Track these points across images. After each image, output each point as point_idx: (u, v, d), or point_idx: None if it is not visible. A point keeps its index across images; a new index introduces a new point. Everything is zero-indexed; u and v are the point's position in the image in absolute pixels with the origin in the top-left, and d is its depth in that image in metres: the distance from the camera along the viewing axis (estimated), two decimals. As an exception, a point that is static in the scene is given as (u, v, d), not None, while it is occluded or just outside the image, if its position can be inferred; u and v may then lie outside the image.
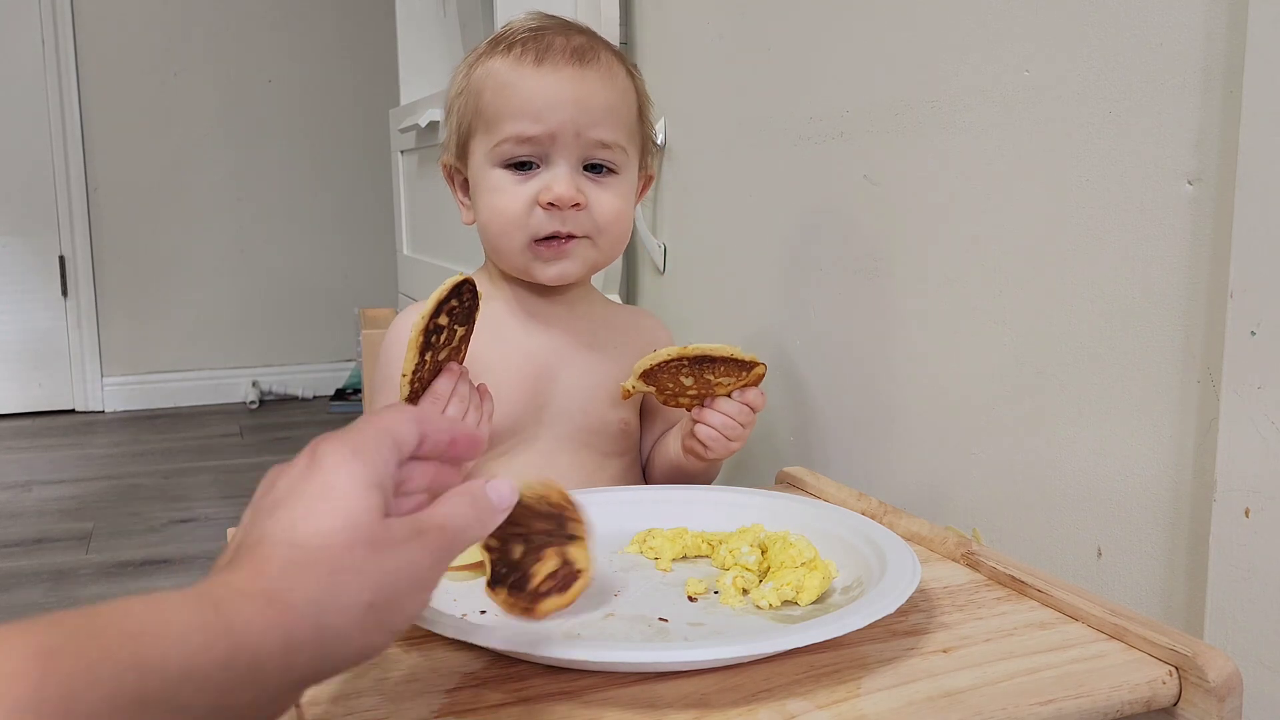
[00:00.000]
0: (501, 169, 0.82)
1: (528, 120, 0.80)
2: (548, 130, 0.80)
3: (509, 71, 0.82)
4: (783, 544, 0.64)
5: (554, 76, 0.81)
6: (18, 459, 2.65)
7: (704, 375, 0.79)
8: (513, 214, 0.81)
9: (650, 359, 0.77)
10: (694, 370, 0.78)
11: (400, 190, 2.27)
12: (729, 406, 0.81)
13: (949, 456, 0.91)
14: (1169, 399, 0.70)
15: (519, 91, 0.81)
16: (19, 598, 1.72)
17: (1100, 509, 0.76)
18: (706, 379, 0.79)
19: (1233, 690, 0.51)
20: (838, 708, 0.49)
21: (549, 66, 0.81)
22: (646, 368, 0.78)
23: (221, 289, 3.32)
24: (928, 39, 0.90)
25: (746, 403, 0.81)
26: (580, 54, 0.83)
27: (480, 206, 0.84)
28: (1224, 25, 0.65)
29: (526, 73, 0.81)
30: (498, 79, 0.82)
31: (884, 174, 0.97)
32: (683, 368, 0.78)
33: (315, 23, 3.30)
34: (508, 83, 0.81)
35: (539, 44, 0.82)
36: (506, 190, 0.82)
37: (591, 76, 0.82)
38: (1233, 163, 0.63)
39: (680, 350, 0.76)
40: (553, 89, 0.81)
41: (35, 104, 3.06)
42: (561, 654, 0.50)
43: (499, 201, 0.82)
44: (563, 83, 0.81)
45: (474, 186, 0.85)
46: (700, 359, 0.77)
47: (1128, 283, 0.73)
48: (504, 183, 0.82)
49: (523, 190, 0.81)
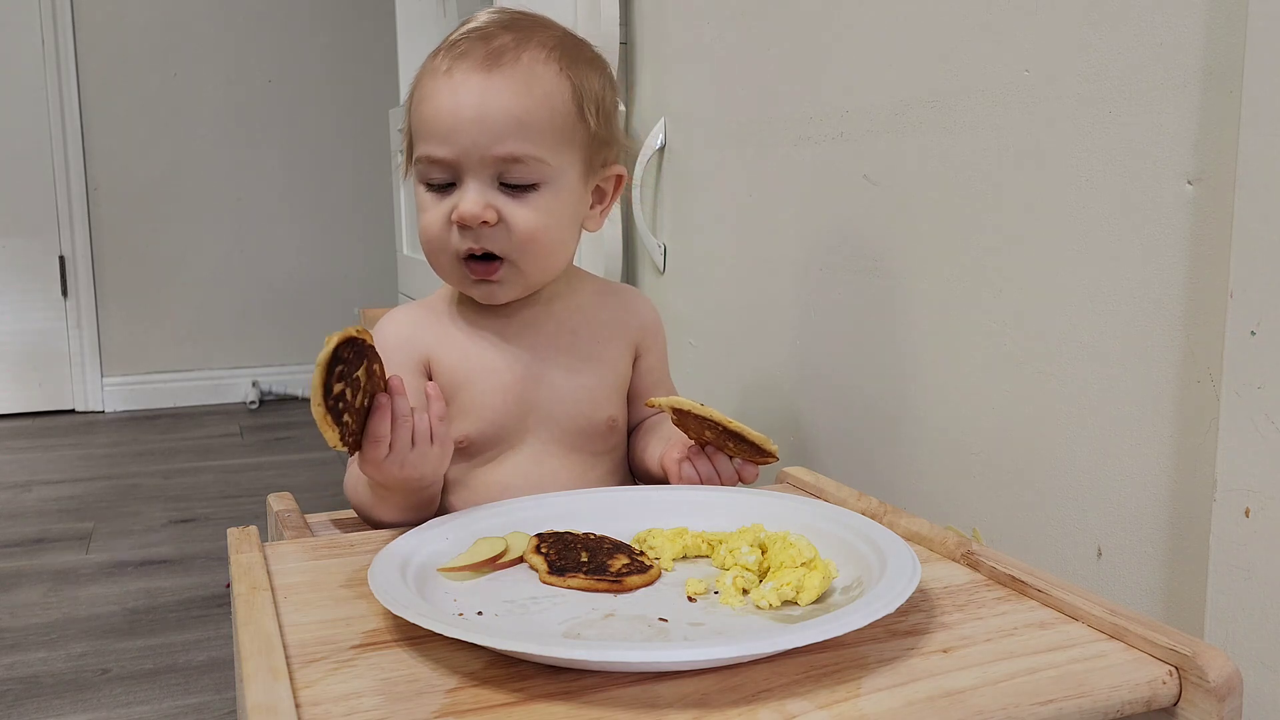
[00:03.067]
0: (424, 186, 0.81)
1: (435, 141, 0.78)
2: (452, 154, 0.77)
3: (429, 82, 0.79)
4: (783, 544, 0.64)
5: (461, 89, 0.77)
6: (18, 459, 2.65)
7: (726, 443, 0.80)
8: (435, 232, 0.80)
9: (692, 406, 0.77)
10: (720, 433, 0.79)
11: (400, 190, 2.27)
12: (724, 467, 0.81)
13: (949, 456, 0.91)
14: (1169, 399, 0.70)
15: (431, 107, 0.78)
16: (19, 598, 1.72)
17: (1100, 509, 0.76)
18: (727, 445, 0.80)
19: (1233, 690, 0.51)
20: (838, 708, 0.49)
21: (458, 78, 0.77)
22: (682, 408, 0.78)
23: (221, 289, 3.31)
24: (928, 39, 0.90)
25: (740, 474, 0.82)
26: (493, 59, 0.77)
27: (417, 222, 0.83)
28: (1224, 25, 0.65)
29: (439, 85, 0.78)
30: (422, 89, 0.80)
31: (884, 174, 0.97)
32: (713, 427, 0.78)
33: (315, 23, 3.30)
34: (425, 95, 0.79)
35: (455, 50, 0.79)
36: (429, 208, 0.80)
37: (498, 86, 0.77)
38: (1233, 163, 0.63)
39: (722, 419, 0.77)
40: (454, 105, 0.77)
41: (35, 104, 3.06)
42: (561, 654, 0.50)
43: (424, 220, 0.81)
44: (467, 96, 0.77)
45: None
46: (731, 433, 0.78)
47: (1128, 283, 0.73)
48: (426, 201, 0.81)
49: (441, 208, 0.80)
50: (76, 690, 1.40)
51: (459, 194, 0.78)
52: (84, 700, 1.37)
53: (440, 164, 0.78)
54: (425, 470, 0.71)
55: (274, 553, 0.69)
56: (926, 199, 0.91)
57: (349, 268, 3.41)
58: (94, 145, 3.14)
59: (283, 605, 0.60)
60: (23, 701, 1.37)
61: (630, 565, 0.64)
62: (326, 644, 0.55)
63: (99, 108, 3.13)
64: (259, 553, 0.67)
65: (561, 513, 0.73)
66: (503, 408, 0.82)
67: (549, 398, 0.84)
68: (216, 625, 1.61)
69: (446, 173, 0.79)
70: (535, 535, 0.69)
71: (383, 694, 0.50)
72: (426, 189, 0.80)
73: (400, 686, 0.51)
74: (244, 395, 3.31)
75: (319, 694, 0.50)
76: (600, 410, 0.86)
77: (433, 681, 0.52)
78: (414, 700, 0.50)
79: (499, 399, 0.82)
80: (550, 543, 0.67)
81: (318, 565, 0.67)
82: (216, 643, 1.54)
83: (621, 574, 0.63)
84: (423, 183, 0.80)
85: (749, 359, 1.22)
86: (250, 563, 0.65)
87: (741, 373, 1.24)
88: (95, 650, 1.52)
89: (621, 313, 0.90)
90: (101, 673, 1.45)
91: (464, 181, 0.78)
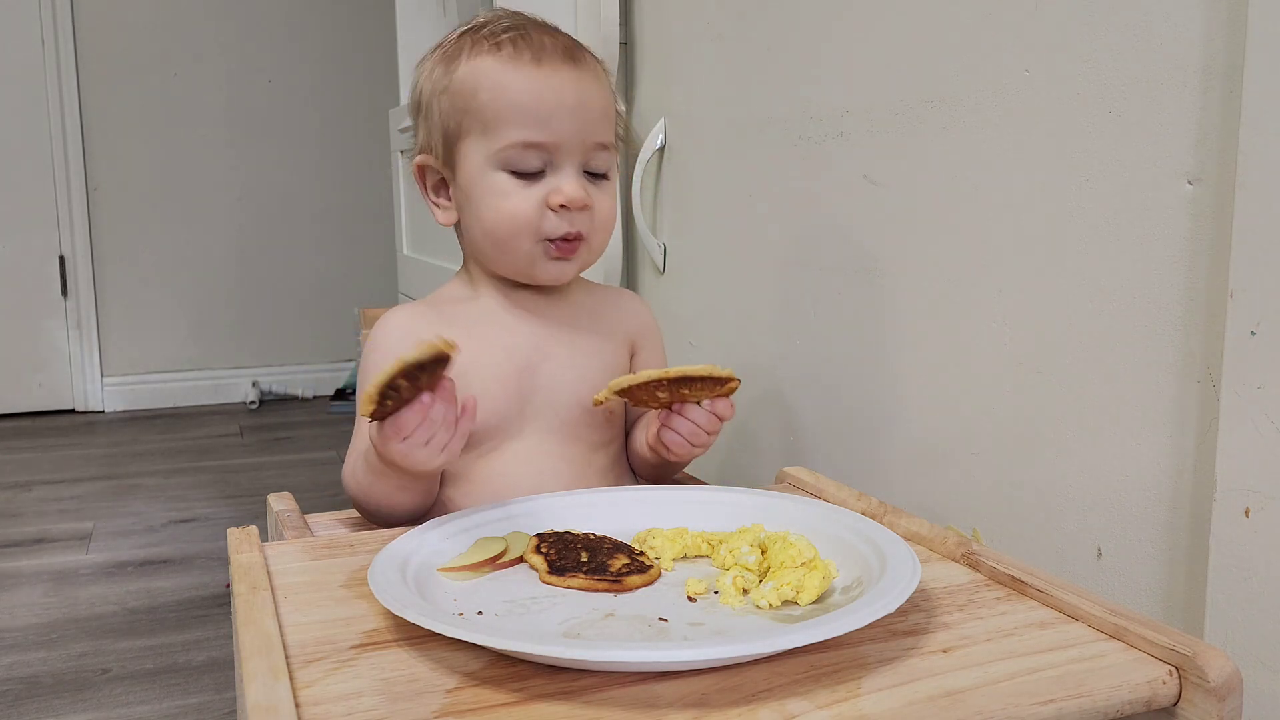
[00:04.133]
0: (504, 173, 0.82)
1: (533, 127, 0.80)
2: (553, 138, 0.80)
3: (504, 71, 0.81)
4: (783, 544, 0.64)
5: (555, 79, 0.80)
6: (18, 459, 2.65)
7: (679, 390, 0.79)
8: (525, 217, 0.81)
9: (629, 379, 0.77)
10: (670, 387, 0.78)
11: (400, 190, 2.27)
12: (698, 415, 0.81)
13: (949, 457, 0.91)
14: (1169, 399, 0.70)
15: (521, 94, 0.80)
16: (19, 598, 1.72)
17: (1100, 509, 0.76)
18: (681, 393, 0.79)
19: (1233, 690, 0.51)
20: (838, 708, 0.49)
21: (548, 68, 0.81)
22: (623, 387, 0.77)
23: (221, 289, 3.32)
24: (928, 39, 0.90)
25: (715, 412, 0.81)
26: (571, 54, 0.82)
27: (481, 209, 0.83)
28: (1224, 25, 0.65)
29: (526, 73, 0.80)
30: (492, 79, 0.81)
31: (884, 174, 0.97)
32: (660, 386, 0.78)
33: (315, 23, 3.30)
34: (505, 84, 0.80)
35: (530, 42, 0.81)
36: (514, 194, 0.81)
37: (587, 78, 0.82)
38: (1233, 163, 0.63)
39: (661, 373, 0.76)
40: (555, 93, 0.80)
41: (35, 104, 3.06)
42: (561, 654, 0.50)
43: (508, 205, 0.81)
44: (564, 85, 0.80)
45: (467, 188, 0.83)
46: (679, 379, 0.77)
47: (1128, 283, 0.73)
48: (510, 186, 0.81)
49: (531, 193, 0.81)
50: (76, 690, 1.40)
51: (552, 180, 0.82)
52: (84, 700, 1.37)
53: (537, 148, 0.81)
54: (425, 467, 0.71)
55: (274, 553, 0.69)
56: (926, 199, 0.91)
57: (349, 268, 3.41)
58: (94, 145, 3.14)
59: (283, 605, 0.60)
60: (22, 701, 1.37)
61: (630, 565, 0.64)
62: (326, 644, 0.55)
63: (99, 108, 3.13)
64: (259, 553, 0.67)
65: (561, 512, 0.73)
66: (502, 395, 0.83)
67: (547, 386, 0.85)
68: (216, 625, 1.61)
69: (540, 158, 0.81)
70: (535, 535, 0.69)
71: (383, 694, 0.50)
72: (511, 175, 0.82)
73: (400, 686, 0.51)
74: (244, 395, 3.31)
75: (319, 694, 0.50)
76: None
77: (433, 681, 0.52)
78: (414, 700, 0.50)
79: (498, 387, 0.83)
80: (550, 542, 0.67)
81: (318, 565, 0.67)
82: (216, 643, 1.54)
83: (621, 574, 0.63)
84: (507, 169, 0.81)
85: (749, 359, 1.22)
86: (250, 563, 0.65)
87: (741, 372, 1.23)
88: (95, 650, 1.52)
89: (616, 311, 0.92)
90: (101, 672, 1.45)
91: (560, 167, 0.82)
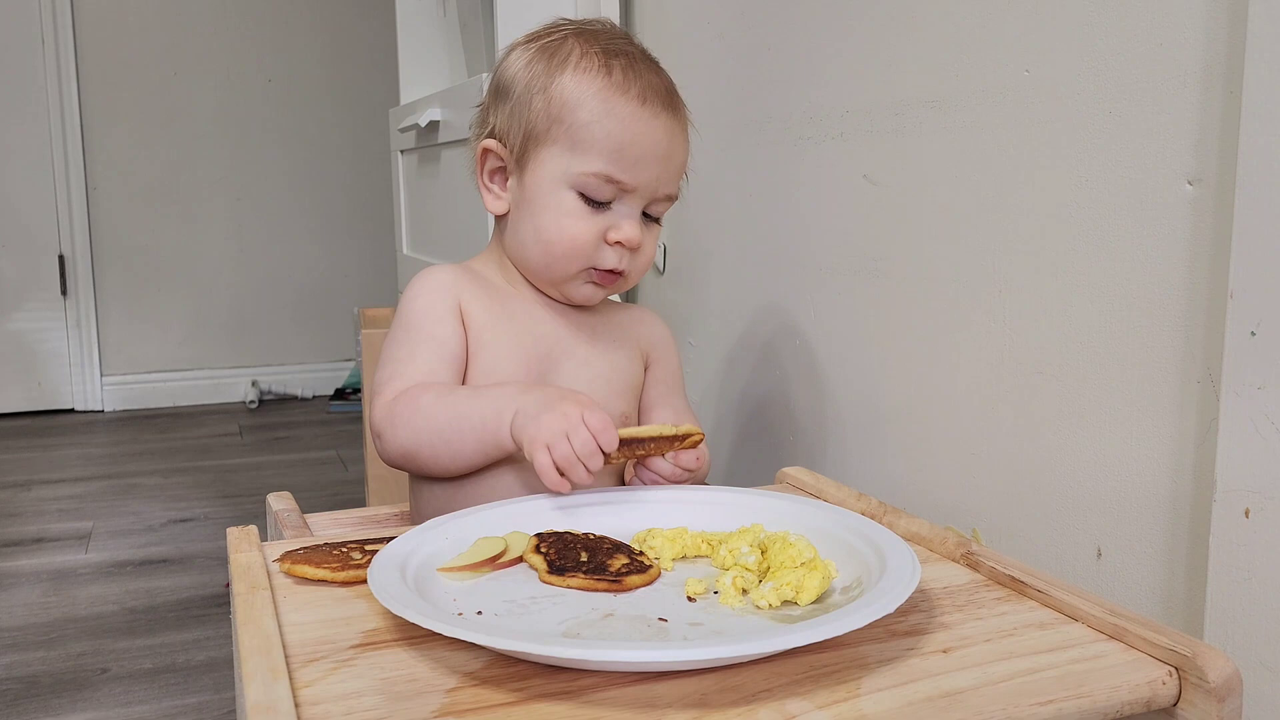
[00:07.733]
0: (575, 194, 0.82)
1: (621, 165, 0.81)
2: (634, 182, 0.82)
3: (609, 99, 0.81)
4: (782, 544, 0.64)
5: (655, 124, 0.81)
6: (18, 459, 2.65)
7: (635, 452, 0.76)
8: (583, 243, 0.83)
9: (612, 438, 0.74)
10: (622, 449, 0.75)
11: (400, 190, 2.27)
12: (662, 468, 0.79)
13: (949, 456, 0.91)
14: (1169, 399, 0.70)
15: (619, 130, 0.80)
16: (19, 598, 1.72)
17: (1100, 509, 0.76)
18: (636, 453, 0.77)
19: (1233, 690, 0.51)
20: (838, 708, 0.49)
21: (649, 111, 0.81)
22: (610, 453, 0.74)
23: (221, 289, 3.31)
24: (928, 39, 0.90)
25: (679, 465, 0.79)
26: (671, 100, 0.83)
27: (542, 219, 0.83)
28: (1224, 25, 0.65)
29: (630, 110, 0.81)
30: (596, 103, 0.81)
31: (884, 174, 0.97)
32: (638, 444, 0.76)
33: (315, 23, 3.30)
34: (607, 113, 0.80)
35: (638, 75, 0.82)
36: (580, 218, 0.82)
37: (678, 130, 0.84)
38: (1233, 163, 0.63)
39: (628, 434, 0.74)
40: (650, 138, 0.81)
41: (35, 104, 3.06)
42: (561, 654, 0.50)
43: (570, 227, 0.82)
44: (659, 133, 0.82)
45: (532, 192, 0.83)
46: (630, 440, 0.75)
47: (1127, 283, 0.73)
48: (577, 209, 0.82)
49: (595, 222, 0.82)
50: (76, 690, 1.40)
51: (617, 215, 0.83)
52: (83, 700, 1.37)
53: (615, 184, 0.82)
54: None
55: (273, 552, 0.69)
56: (926, 199, 0.91)
57: (349, 268, 3.41)
58: (94, 145, 3.14)
59: (282, 605, 0.60)
60: (22, 701, 1.37)
61: (630, 565, 0.64)
62: (326, 644, 0.55)
63: (99, 108, 3.13)
64: (259, 552, 0.67)
65: (561, 513, 0.73)
66: (517, 375, 0.84)
67: (566, 382, 0.86)
68: (216, 625, 1.61)
69: (613, 192, 0.82)
70: (535, 535, 0.69)
71: (382, 694, 0.50)
72: (580, 198, 0.82)
73: (400, 686, 0.51)
74: (243, 395, 3.31)
75: (319, 694, 0.50)
76: (613, 403, 0.87)
77: (432, 681, 0.52)
78: (414, 700, 0.50)
79: (516, 366, 0.84)
80: (550, 542, 0.67)
81: (317, 565, 0.67)
82: (216, 643, 1.54)
83: (621, 574, 0.63)
84: (579, 191, 0.82)
85: (749, 359, 1.22)
86: (250, 562, 0.65)
87: (741, 372, 1.24)
88: (94, 650, 1.52)
89: (636, 325, 0.94)
90: (101, 672, 1.45)
91: (626, 204, 0.83)
